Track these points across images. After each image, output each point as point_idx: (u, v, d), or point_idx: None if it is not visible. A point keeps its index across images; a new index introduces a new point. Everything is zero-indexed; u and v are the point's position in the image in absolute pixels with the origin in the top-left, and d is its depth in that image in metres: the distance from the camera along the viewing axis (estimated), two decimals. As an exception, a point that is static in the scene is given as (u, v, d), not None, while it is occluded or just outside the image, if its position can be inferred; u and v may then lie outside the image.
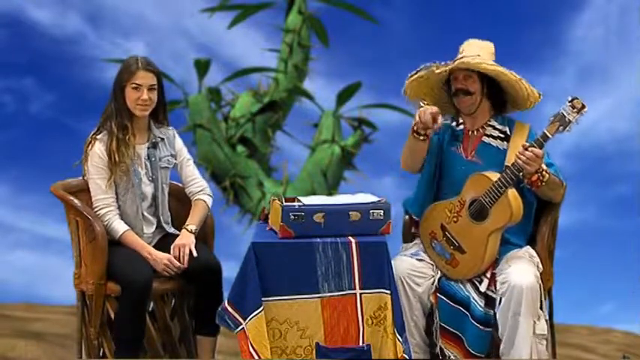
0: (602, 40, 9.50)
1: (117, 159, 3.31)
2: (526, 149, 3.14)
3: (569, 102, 3.12)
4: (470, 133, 3.43)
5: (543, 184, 3.21)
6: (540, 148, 3.14)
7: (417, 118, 3.29)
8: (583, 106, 3.11)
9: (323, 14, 8.14)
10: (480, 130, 3.41)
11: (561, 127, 3.13)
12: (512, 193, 3.20)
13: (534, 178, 3.19)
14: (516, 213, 3.20)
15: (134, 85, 3.32)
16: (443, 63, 3.32)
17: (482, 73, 3.32)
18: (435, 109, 3.29)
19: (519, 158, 3.15)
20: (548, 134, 3.14)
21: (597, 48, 9.53)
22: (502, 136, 3.37)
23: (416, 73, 3.36)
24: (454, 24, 8.65)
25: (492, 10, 8.64)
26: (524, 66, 3.30)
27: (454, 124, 3.48)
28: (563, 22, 9.23)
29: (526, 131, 3.32)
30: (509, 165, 3.19)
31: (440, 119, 3.27)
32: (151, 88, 3.34)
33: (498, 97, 3.38)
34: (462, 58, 3.29)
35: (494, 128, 3.39)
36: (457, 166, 3.39)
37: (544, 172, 3.19)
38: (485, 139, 3.39)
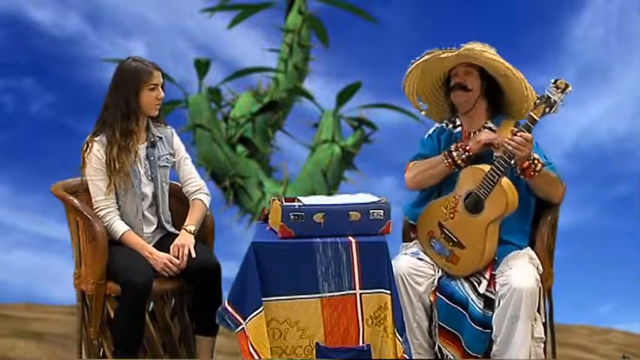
0: (602, 40, 9.51)
1: (116, 167, 3.31)
2: (515, 134, 3.13)
3: (553, 83, 3.10)
4: (468, 135, 3.41)
5: (536, 173, 3.19)
6: (529, 132, 3.13)
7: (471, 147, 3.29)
8: (567, 86, 3.10)
9: (323, 14, 8.16)
10: (478, 132, 3.39)
11: (547, 109, 3.11)
12: (505, 181, 3.18)
13: (526, 164, 3.17)
14: (512, 201, 3.18)
15: (152, 86, 3.34)
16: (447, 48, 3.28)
17: (483, 71, 3.32)
18: (490, 136, 3.27)
19: (509, 144, 3.12)
20: (535, 117, 3.13)
21: (597, 48, 9.54)
22: None
23: (420, 58, 3.31)
24: (454, 24, 8.66)
25: (492, 10, 8.64)
26: (524, 66, 3.28)
27: (450, 126, 3.47)
28: (563, 22, 9.24)
29: (511, 125, 3.29)
30: (500, 154, 3.17)
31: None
32: (162, 86, 3.39)
33: (496, 98, 3.37)
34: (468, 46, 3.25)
35: (492, 130, 3.38)
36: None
37: (535, 160, 3.18)
38: None
